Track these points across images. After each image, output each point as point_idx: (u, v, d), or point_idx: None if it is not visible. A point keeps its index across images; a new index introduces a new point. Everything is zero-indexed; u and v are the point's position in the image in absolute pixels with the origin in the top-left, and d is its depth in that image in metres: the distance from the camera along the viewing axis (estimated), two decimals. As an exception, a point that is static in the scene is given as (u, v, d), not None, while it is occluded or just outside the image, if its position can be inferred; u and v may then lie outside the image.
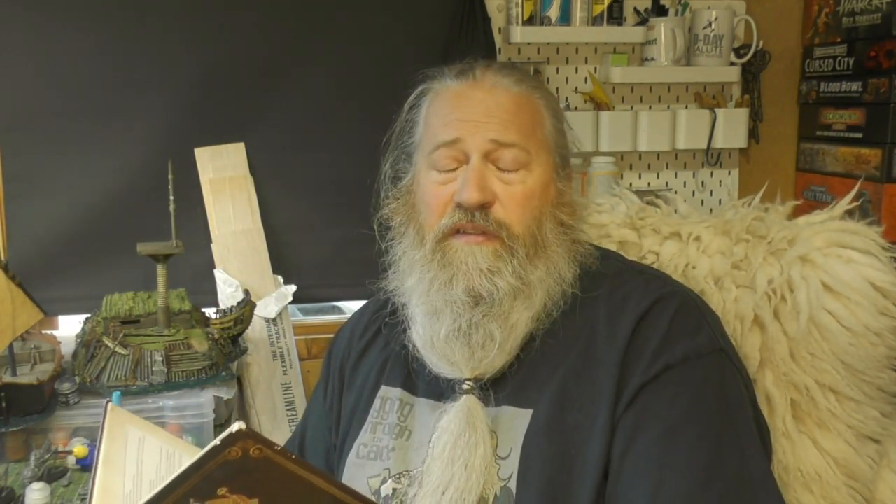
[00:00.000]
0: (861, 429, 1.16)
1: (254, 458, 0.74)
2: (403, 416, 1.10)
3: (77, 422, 1.47)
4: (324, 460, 1.23)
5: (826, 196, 2.09)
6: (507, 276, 1.01)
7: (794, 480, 1.16)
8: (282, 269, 1.99)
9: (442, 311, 1.03)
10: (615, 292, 1.04)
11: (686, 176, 2.24)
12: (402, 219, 1.11)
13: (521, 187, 1.03)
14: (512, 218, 1.02)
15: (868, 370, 1.14)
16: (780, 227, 1.25)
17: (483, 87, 1.05)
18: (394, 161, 1.14)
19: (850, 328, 1.13)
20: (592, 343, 1.01)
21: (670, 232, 1.32)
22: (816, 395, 1.15)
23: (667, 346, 0.97)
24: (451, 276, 1.02)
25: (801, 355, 1.16)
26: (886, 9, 1.89)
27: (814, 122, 2.16)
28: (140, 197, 1.89)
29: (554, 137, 1.08)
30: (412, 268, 1.07)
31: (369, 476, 1.09)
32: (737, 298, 1.21)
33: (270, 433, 1.89)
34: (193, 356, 1.56)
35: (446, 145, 1.04)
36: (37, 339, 1.61)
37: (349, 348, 1.23)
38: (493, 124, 1.03)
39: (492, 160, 1.03)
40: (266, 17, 1.94)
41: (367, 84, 1.97)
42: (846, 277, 1.14)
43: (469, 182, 1.01)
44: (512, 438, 1.00)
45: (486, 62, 1.09)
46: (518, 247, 1.02)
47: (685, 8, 2.12)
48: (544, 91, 1.10)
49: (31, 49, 1.84)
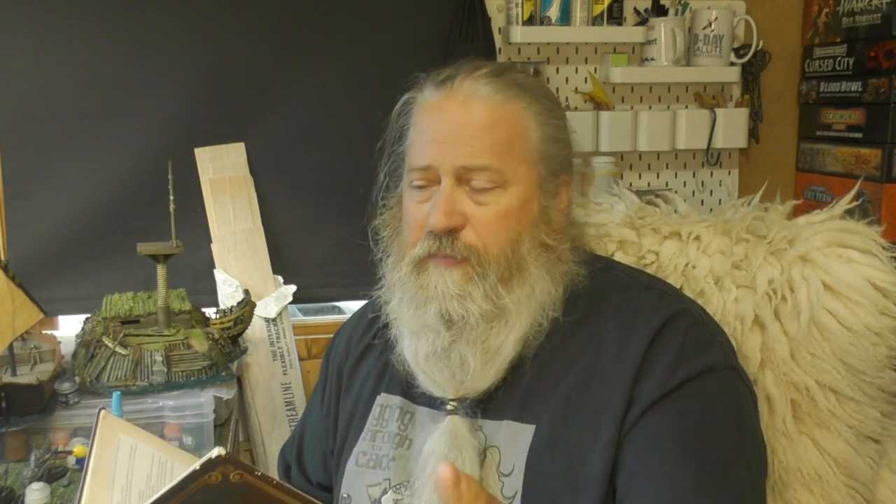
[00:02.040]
0: (861, 429, 1.16)
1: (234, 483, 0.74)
2: (404, 425, 1.09)
3: (77, 422, 1.47)
4: (321, 464, 1.22)
5: (826, 196, 2.09)
6: (478, 301, 0.98)
7: (793, 480, 1.16)
8: (282, 269, 1.99)
9: (420, 332, 1.01)
10: (624, 307, 1.02)
11: (686, 176, 2.24)
12: (389, 232, 1.10)
13: (495, 208, 0.99)
14: (485, 240, 0.99)
15: (868, 370, 1.14)
16: (780, 226, 1.25)
17: (457, 100, 1.00)
18: (388, 169, 1.12)
19: (850, 328, 1.13)
20: (599, 358, 0.99)
21: (670, 231, 1.32)
22: (817, 396, 1.15)
23: (682, 362, 0.96)
24: (424, 300, 1.00)
25: (801, 355, 1.15)
26: (886, 9, 1.89)
27: (814, 122, 2.16)
28: (140, 197, 1.89)
29: (540, 148, 1.02)
30: (394, 286, 1.06)
31: (368, 485, 1.08)
32: (737, 298, 1.21)
33: (270, 433, 1.90)
34: (193, 356, 1.55)
35: (419, 170, 1.02)
36: (37, 339, 1.61)
37: (347, 351, 1.21)
38: (461, 147, 0.98)
39: (464, 182, 0.99)
40: (266, 17, 1.94)
41: (368, 84, 1.97)
42: (846, 277, 1.14)
43: (436, 208, 0.98)
44: (514, 454, 0.98)
45: (474, 66, 1.03)
46: (489, 270, 0.99)
47: (685, 8, 2.12)
48: (534, 98, 1.03)
49: (31, 49, 1.84)
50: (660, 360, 0.96)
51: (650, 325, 0.99)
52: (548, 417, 0.98)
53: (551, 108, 1.05)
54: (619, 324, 1.01)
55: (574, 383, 0.99)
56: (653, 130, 2.11)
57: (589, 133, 2.09)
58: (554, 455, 0.96)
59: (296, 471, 1.26)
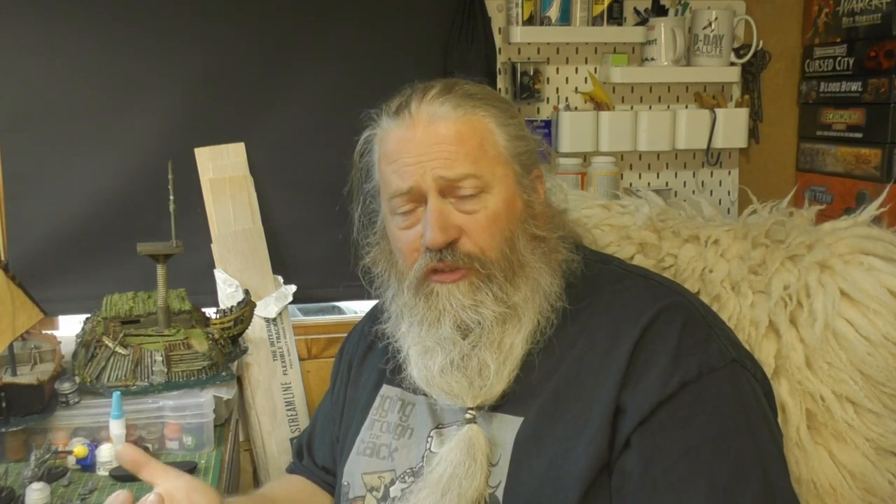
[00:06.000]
0: (881, 442, 1.12)
1: None
2: (405, 416, 1.11)
3: (77, 422, 1.47)
4: (329, 450, 1.26)
5: (826, 196, 2.09)
6: (491, 305, 1.01)
7: (806, 492, 1.13)
8: (282, 269, 1.99)
9: (433, 349, 1.03)
10: (616, 298, 1.03)
11: (686, 176, 2.24)
12: (383, 266, 1.12)
13: (484, 213, 1.01)
14: (482, 246, 1.01)
15: (889, 382, 1.11)
16: (800, 231, 1.22)
17: (422, 124, 1.03)
18: (362, 209, 1.14)
19: (868, 337, 1.10)
20: (589, 352, 1.00)
21: (689, 235, 1.30)
22: (833, 406, 1.12)
23: (680, 362, 0.95)
24: (437, 316, 1.02)
25: (817, 364, 1.13)
26: (886, 9, 1.89)
27: (814, 122, 2.16)
28: (140, 197, 1.89)
29: (509, 148, 1.05)
30: (402, 314, 1.07)
31: (364, 472, 1.11)
32: (753, 304, 1.19)
33: (270, 433, 1.90)
34: (193, 356, 1.56)
35: (401, 194, 1.03)
36: (37, 339, 1.61)
37: (358, 344, 1.25)
38: (438, 161, 1.01)
39: (449, 194, 1.01)
40: (266, 17, 1.94)
41: (368, 83, 1.97)
42: (865, 285, 1.11)
43: (430, 225, 1.00)
44: (501, 445, 1.00)
45: (423, 90, 1.05)
46: (494, 272, 1.01)
47: (685, 8, 2.12)
48: (488, 104, 1.06)
49: (31, 49, 1.84)
50: (656, 360, 0.96)
51: (640, 319, 0.98)
52: (536, 410, 0.99)
53: (506, 108, 1.08)
54: (609, 317, 1.01)
55: (564, 377, 1.00)
56: (653, 130, 2.11)
57: (589, 133, 2.09)
58: (539, 448, 0.97)
59: (306, 454, 1.30)
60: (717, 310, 1.19)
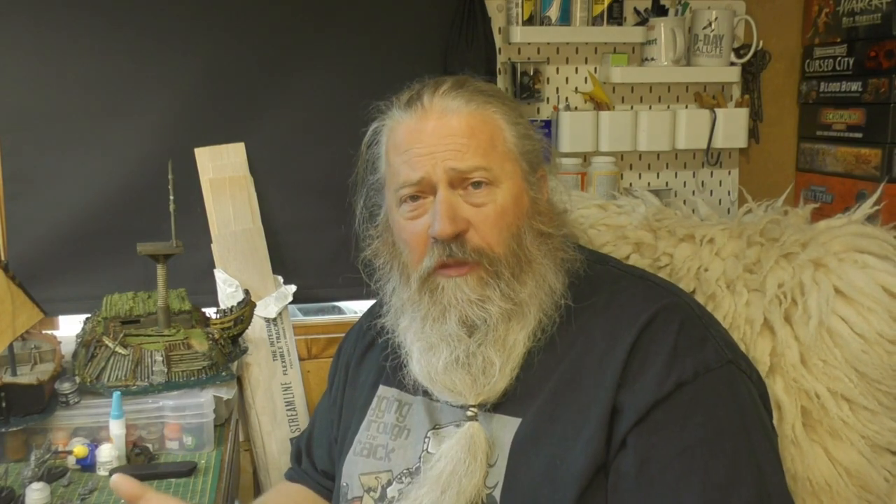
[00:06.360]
0: (876, 439, 1.12)
1: None
2: (402, 417, 1.11)
3: (77, 422, 1.47)
4: (327, 452, 1.26)
5: (826, 196, 2.09)
6: (497, 301, 1.01)
7: (801, 490, 1.13)
8: (282, 269, 1.99)
9: (437, 346, 1.03)
10: (613, 299, 1.03)
11: (686, 176, 2.24)
12: (385, 259, 1.11)
13: (493, 207, 1.02)
14: (489, 240, 1.02)
15: (884, 379, 1.11)
16: (795, 230, 1.23)
17: (434, 116, 1.03)
18: (365, 200, 1.14)
19: (862, 335, 1.10)
20: (587, 352, 1.00)
21: (685, 234, 1.30)
22: (828, 403, 1.12)
23: (676, 362, 0.95)
24: (442, 311, 1.02)
25: (812, 362, 1.13)
26: (886, 9, 1.89)
27: (814, 122, 2.16)
28: (140, 197, 1.89)
29: (517, 145, 1.06)
30: (403, 308, 1.07)
31: (361, 473, 1.11)
32: (748, 302, 1.19)
33: (270, 433, 1.90)
34: (193, 356, 1.56)
35: (411, 185, 1.03)
36: (37, 339, 1.61)
37: (355, 345, 1.25)
38: (450, 152, 1.01)
39: (458, 186, 1.02)
40: (266, 17, 1.94)
41: (368, 83, 1.97)
42: (859, 283, 1.12)
43: (440, 215, 1.00)
44: (499, 445, 1.00)
45: (435, 84, 1.07)
46: (502, 268, 1.01)
47: (685, 8, 2.12)
48: (499, 101, 1.07)
49: (31, 49, 1.84)
50: (653, 361, 0.96)
51: (638, 320, 0.99)
52: (534, 411, 0.99)
53: (515, 107, 1.10)
54: (607, 317, 1.02)
55: (562, 378, 1.00)
56: (653, 130, 2.11)
57: (589, 133, 2.09)
58: (537, 449, 0.97)
59: (305, 458, 1.30)
60: (713, 308, 1.19)
